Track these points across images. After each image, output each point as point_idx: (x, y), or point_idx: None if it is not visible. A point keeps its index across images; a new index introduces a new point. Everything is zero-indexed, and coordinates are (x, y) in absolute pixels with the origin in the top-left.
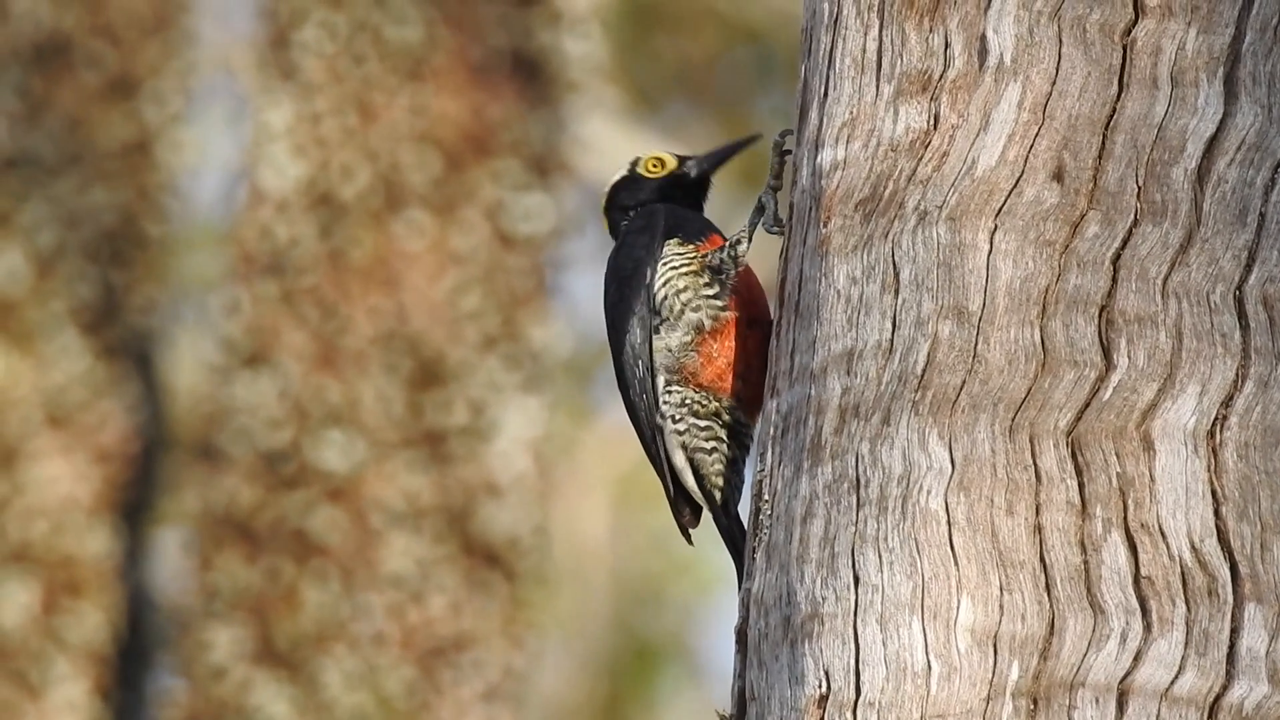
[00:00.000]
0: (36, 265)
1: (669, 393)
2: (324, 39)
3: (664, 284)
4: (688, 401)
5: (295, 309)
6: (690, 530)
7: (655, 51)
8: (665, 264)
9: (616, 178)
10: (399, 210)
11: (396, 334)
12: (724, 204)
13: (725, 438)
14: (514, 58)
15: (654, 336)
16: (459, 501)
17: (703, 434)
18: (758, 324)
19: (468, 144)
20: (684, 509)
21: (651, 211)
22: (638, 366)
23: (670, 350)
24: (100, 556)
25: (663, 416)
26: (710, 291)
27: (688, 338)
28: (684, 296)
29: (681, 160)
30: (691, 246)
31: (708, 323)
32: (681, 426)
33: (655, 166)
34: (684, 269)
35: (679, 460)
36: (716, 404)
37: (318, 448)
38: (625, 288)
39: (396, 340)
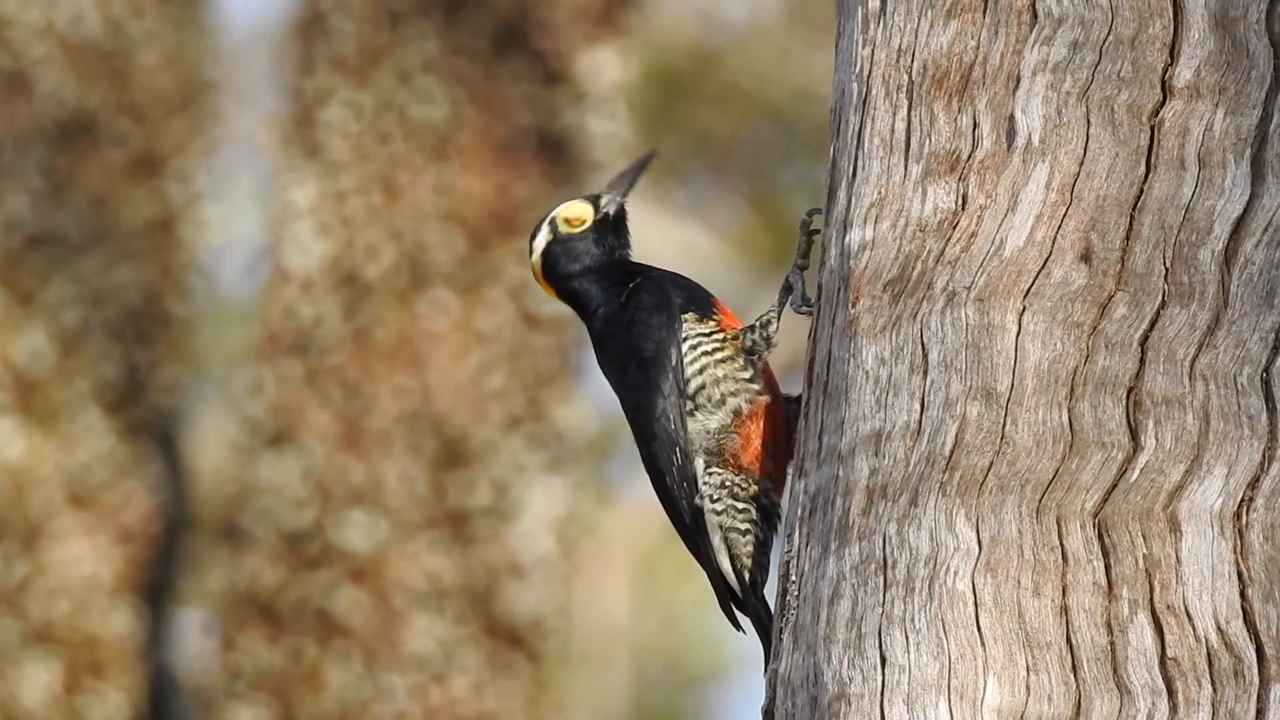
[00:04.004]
0: (60, 344)
1: (709, 474)
2: (349, 117)
3: (699, 371)
4: (728, 484)
5: (319, 389)
6: (739, 616)
7: (679, 128)
8: (695, 347)
9: (543, 243)
10: (423, 289)
11: (420, 414)
12: (750, 282)
13: (759, 520)
14: (539, 137)
15: (688, 419)
16: (482, 582)
17: (740, 515)
18: (776, 398)
19: (493, 223)
20: (728, 595)
21: (659, 287)
22: (675, 453)
23: (709, 432)
24: (122, 636)
25: (701, 498)
26: (746, 375)
27: (727, 420)
28: (724, 386)
29: (595, 204)
30: (713, 323)
31: (746, 406)
32: (719, 507)
33: (576, 221)
34: (718, 354)
35: (715, 541)
36: (755, 487)
37: (341, 528)
38: (649, 370)
39: (420, 420)
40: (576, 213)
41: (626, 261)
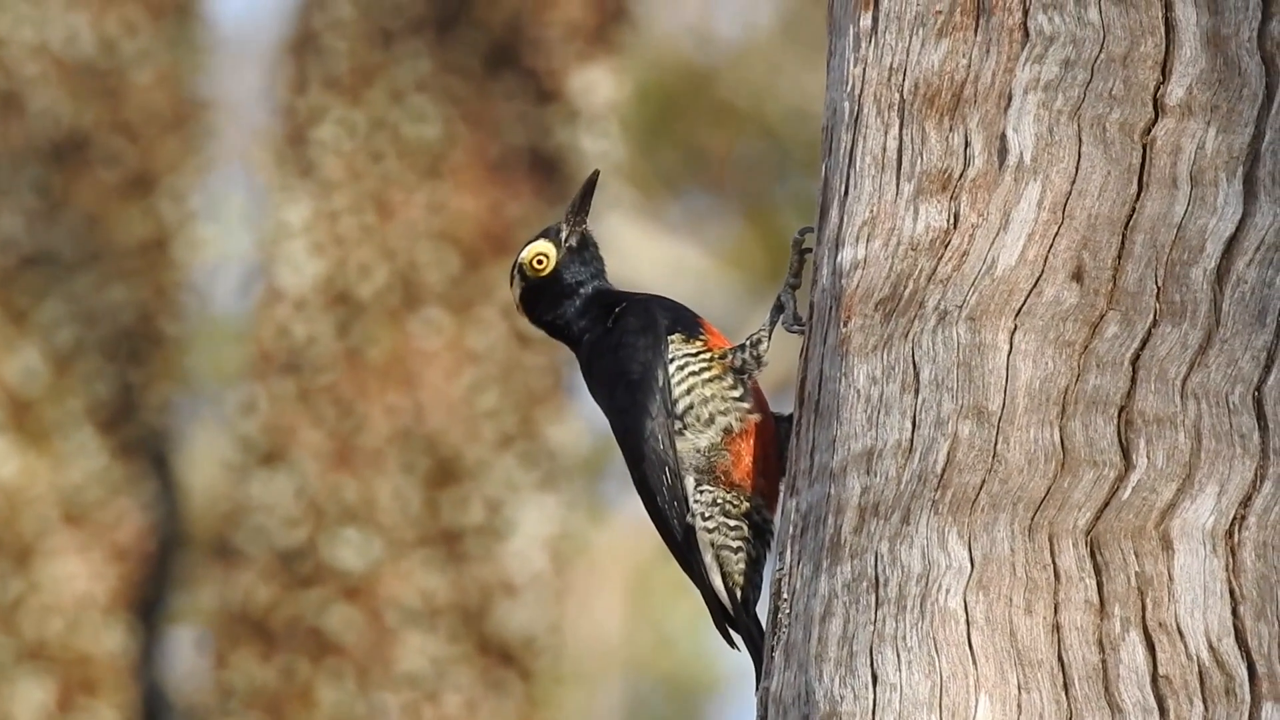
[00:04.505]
0: (54, 363)
1: (700, 492)
2: (342, 136)
3: (687, 391)
4: (719, 501)
5: (312, 407)
6: (734, 635)
7: (672, 145)
8: (681, 368)
9: (518, 291)
10: (416, 308)
11: (413, 432)
12: (744, 298)
13: (751, 537)
14: (532, 155)
15: (678, 439)
16: (475, 600)
17: (732, 533)
18: (766, 415)
19: (485, 242)
20: (721, 613)
21: (645, 310)
22: (664, 472)
23: (699, 451)
24: (116, 654)
25: (693, 515)
26: (736, 394)
27: (717, 438)
28: (713, 404)
29: (556, 240)
30: (700, 343)
31: (736, 425)
32: (711, 525)
33: (541, 263)
34: (705, 374)
35: (707, 559)
36: (747, 504)
37: (334, 546)
38: (637, 392)
39: (413, 439)
40: (539, 253)
41: (608, 289)
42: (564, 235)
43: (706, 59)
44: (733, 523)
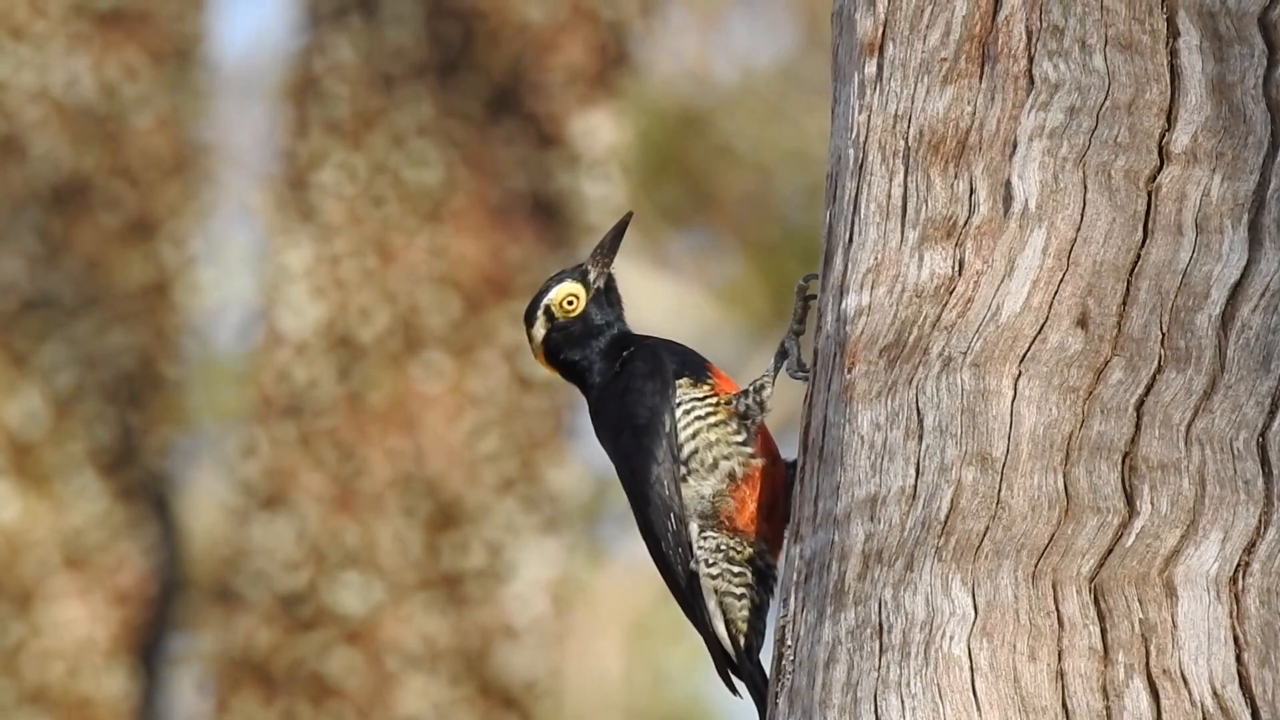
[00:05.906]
0: (54, 407)
1: (704, 538)
2: (343, 180)
3: (692, 435)
4: (723, 547)
5: (313, 451)
6: (737, 683)
7: (672, 187)
8: (688, 412)
9: (542, 332)
10: (417, 352)
11: (414, 476)
12: (745, 341)
13: (755, 583)
14: (533, 200)
15: (682, 485)
16: (476, 644)
17: (735, 579)
18: (773, 460)
19: (486, 286)
20: (725, 660)
21: (653, 354)
22: (669, 518)
23: (704, 497)
24: (117, 698)
25: (696, 562)
26: (739, 439)
27: (722, 485)
28: (717, 449)
29: (584, 280)
30: (707, 387)
31: (739, 470)
32: (715, 571)
33: (571, 304)
34: (710, 418)
35: (711, 605)
36: (750, 549)
37: (335, 590)
38: (644, 436)
39: (414, 482)
40: (570, 294)
41: (627, 333)
42: (592, 276)
43: (706, 102)
44: (736, 569)
